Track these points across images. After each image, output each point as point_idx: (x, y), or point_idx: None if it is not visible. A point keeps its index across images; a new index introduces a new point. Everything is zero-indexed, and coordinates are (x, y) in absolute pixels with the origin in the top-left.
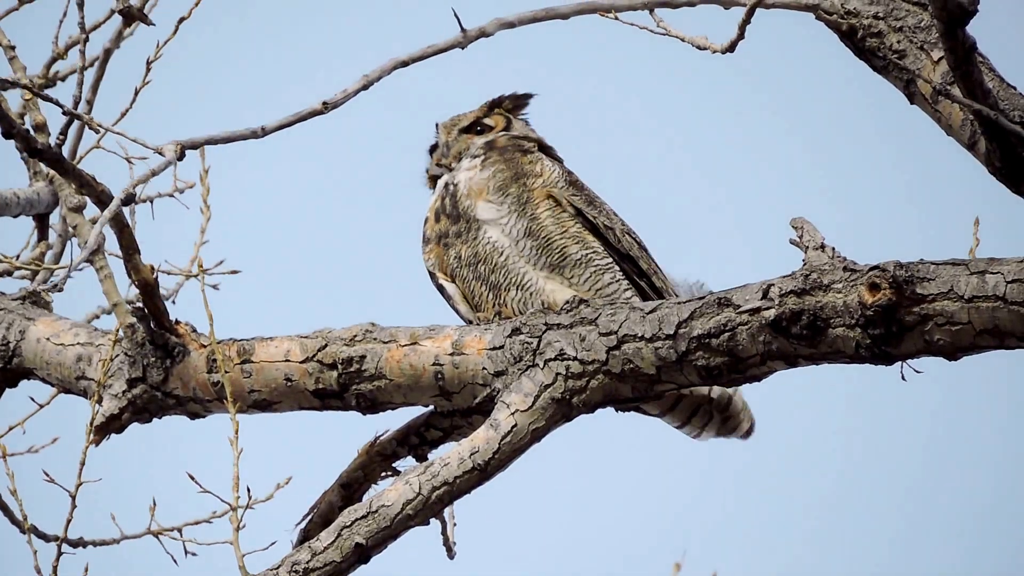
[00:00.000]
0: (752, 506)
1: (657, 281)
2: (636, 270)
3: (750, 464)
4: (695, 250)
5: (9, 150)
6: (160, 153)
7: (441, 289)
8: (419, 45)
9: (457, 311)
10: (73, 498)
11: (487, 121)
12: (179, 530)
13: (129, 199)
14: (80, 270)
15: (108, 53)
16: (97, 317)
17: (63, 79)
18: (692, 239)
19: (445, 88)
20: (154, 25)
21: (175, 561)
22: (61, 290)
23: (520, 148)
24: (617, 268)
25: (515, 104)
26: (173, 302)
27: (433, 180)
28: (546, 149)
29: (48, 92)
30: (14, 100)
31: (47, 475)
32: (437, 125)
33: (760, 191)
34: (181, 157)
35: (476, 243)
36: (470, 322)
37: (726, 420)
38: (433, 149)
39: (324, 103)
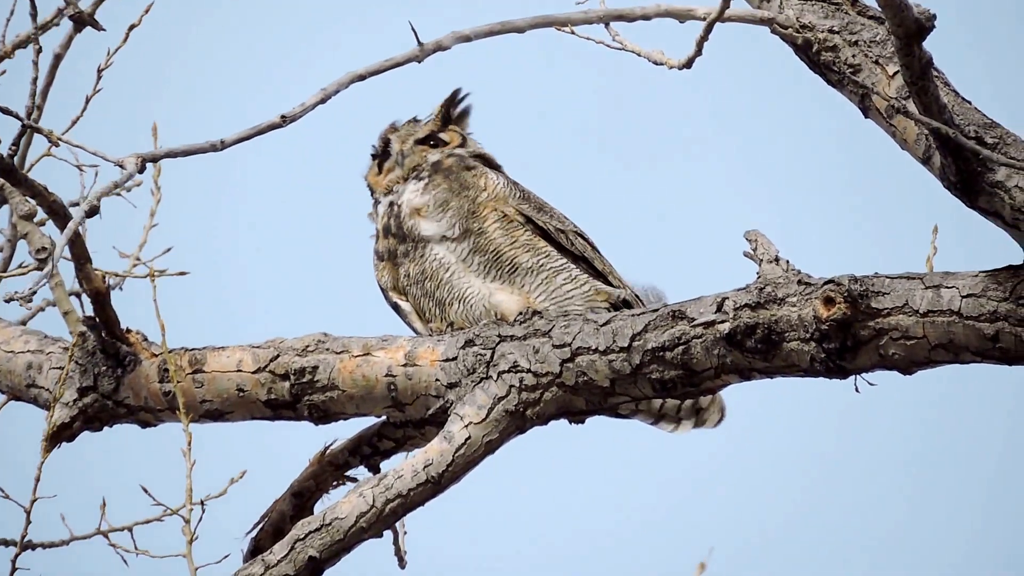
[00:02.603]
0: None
1: (613, 280)
2: (591, 271)
3: (709, 462)
4: (649, 262)
5: None
6: (121, 166)
7: (396, 307)
8: (376, 58)
9: (413, 328)
10: (28, 513)
11: (442, 136)
12: (129, 530)
13: (92, 212)
14: (41, 285)
15: (58, 59)
16: (42, 310)
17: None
18: (646, 251)
19: (403, 99)
20: (105, 31)
21: (125, 561)
22: (30, 301)
23: (465, 166)
24: (573, 266)
25: (456, 111)
26: (120, 288)
27: (376, 189)
28: (492, 164)
29: None
30: None
31: (2, 491)
32: (387, 131)
33: (715, 204)
34: (142, 170)
35: (423, 261)
36: None
37: (698, 412)
38: (377, 156)
39: (282, 117)
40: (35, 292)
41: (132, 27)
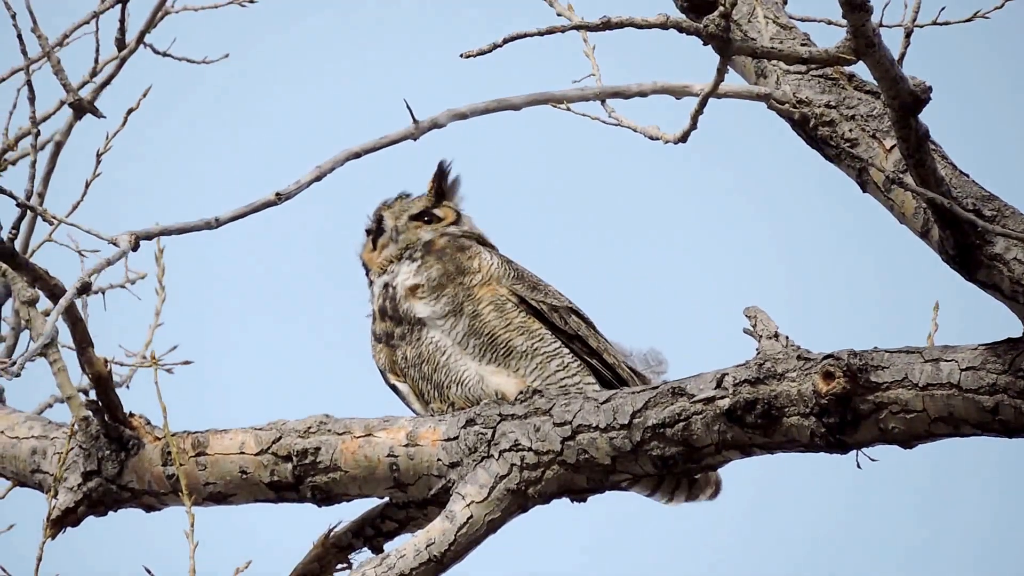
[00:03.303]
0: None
1: (608, 358)
2: (586, 349)
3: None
4: (647, 336)
5: None
6: (115, 244)
7: (394, 388)
8: (372, 135)
9: (412, 409)
10: None
11: (436, 212)
12: None
13: (84, 289)
14: (33, 360)
15: (59, 146)
16: (50, 406)
17: (13, 163)
18: (645, 326)
19: (399, 175)
20: (104, 118)
21: None
22: (18, 375)
23: (458, 246)
24: (566, 352)
25: (445, 184)
26: (127, 387)
27: (370, 266)
28: (485, 242)
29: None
30: None
31: (4, 571)
32: (380, 208)
33: (714, 280)
34: (136, 247)
35: (420, 344)
36: None
37: (693, 485)
38: (371, 232)
39: (277, 194)
40: (21, 367)
41: (130, 111)
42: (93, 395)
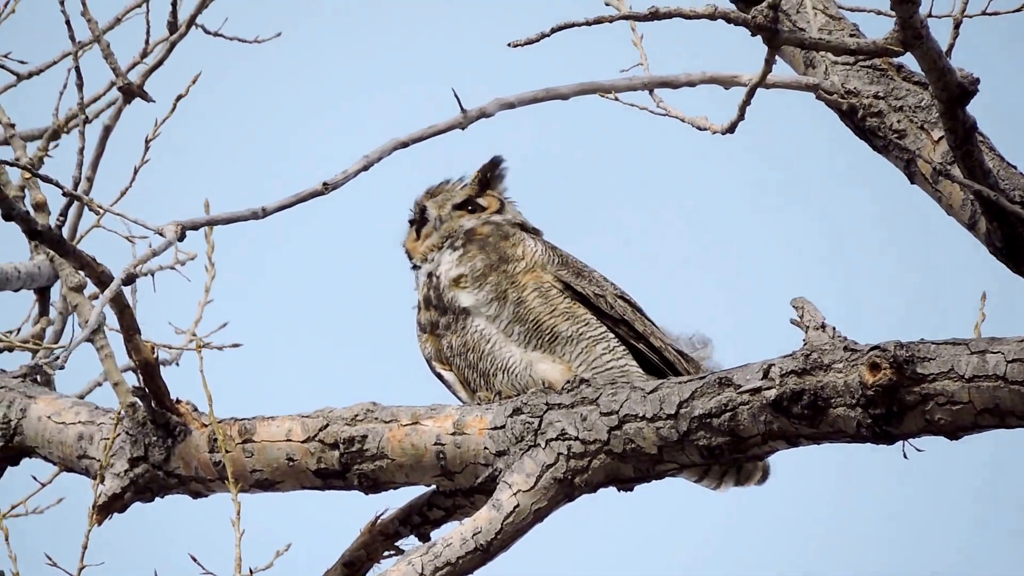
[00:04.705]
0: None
1: (655, 341)
2: (632, 333)
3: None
4: (694, 326)
5: (10, 224)
6: (161, 234)
7: (440, 377)
8: (419, 125)
9: (458, 397)
10: None
11: (480, 201)
12: None
13: (130, 279)
14: (75, 347)
15: (108, 130)
16: (98, 385)
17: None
18: (694, 318)
19: (446, 164)
20: (154, 102)
21: None
22: (62, 367)
23: (502, 234)
24: (612, 336)
25: (492, 176)
26: (177, 364)
27: (414, 255)
28: (529, 230)
29: (50, 165)
30: (13, 175)
31: (49, 559)
32: (423, 197)
33: (762, 270)
34: (182, 238)
35: (465, 333)
36: None
37: (741, 470)
38: (414, 221)
39: (325, 184)
40: (66, 359)
41: (179, 97)
42: (139, 379)
